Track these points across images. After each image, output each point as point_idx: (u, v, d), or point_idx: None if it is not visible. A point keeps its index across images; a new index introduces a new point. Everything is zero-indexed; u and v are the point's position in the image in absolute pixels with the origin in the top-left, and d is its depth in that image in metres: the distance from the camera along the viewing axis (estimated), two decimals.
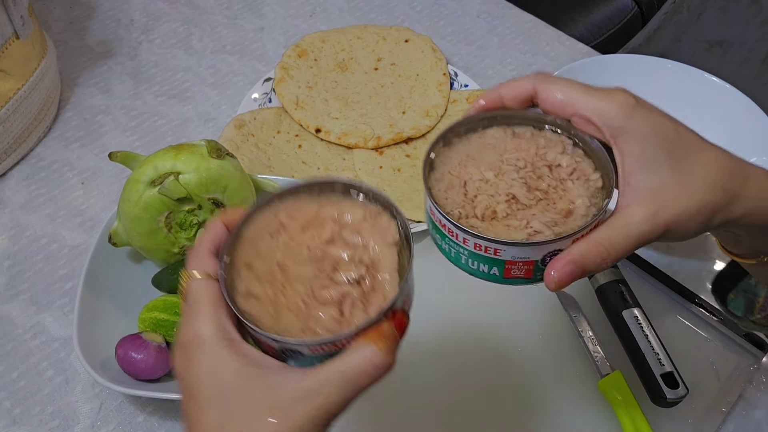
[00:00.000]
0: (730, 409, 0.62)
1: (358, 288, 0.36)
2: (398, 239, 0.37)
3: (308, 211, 0.39)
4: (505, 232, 0.37)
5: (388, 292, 0.36)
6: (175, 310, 0.59)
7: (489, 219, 0.38)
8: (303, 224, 0.38)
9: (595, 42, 1.27)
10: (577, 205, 0.37)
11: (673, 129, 0.38)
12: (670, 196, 0.36)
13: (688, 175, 0.37)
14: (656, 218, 0.36)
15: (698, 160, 0.37)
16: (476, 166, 0.40)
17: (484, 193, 0.39)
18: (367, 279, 0.36)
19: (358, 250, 0.37)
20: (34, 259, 0.71)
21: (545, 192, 0.39)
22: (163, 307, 0.60)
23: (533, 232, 0.36)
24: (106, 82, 0.90)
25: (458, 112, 0.84)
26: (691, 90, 0.79)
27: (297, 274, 0.37)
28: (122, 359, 0.57)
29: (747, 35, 1.23)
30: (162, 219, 0.60)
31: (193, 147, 0.61)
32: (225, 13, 1.00)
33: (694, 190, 0.36)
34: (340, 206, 0.39)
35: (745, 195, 0.38)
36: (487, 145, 0.41)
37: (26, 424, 0.60)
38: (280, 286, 0.36)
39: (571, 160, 0.40)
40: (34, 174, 0.79)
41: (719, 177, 0.37)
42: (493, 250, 0.36)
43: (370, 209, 0.39)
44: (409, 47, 0.91)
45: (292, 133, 0.82)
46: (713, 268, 0.73)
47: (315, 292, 0.36)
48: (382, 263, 0.37)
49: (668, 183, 0.36)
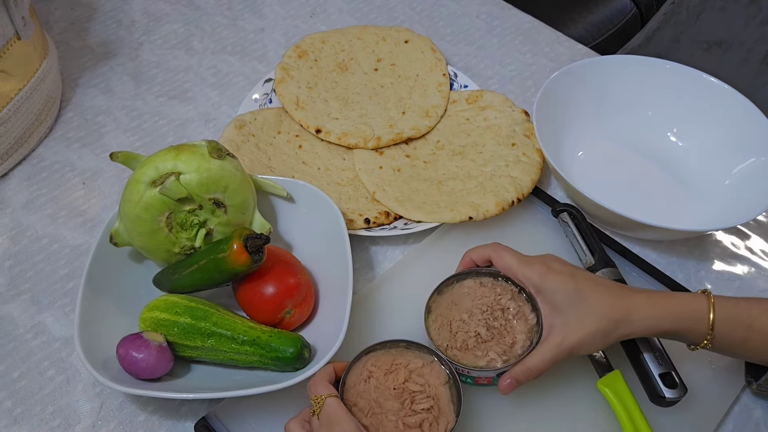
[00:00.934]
0: (729, 409, 0.62)
1: (430, 414, 0.54)
2: (448, 379, 0.56)
3: (386, 361, 0.57)
4: (473, 360, 0.57)
5: (450, 416, 0.54)
6: (176, 309, 0.59)
7: (464, 349, 0.58)
8: (385, 371, 0.56)
9: (595, 43, 1.27)
10: (518, 339, 0.58)
11: (573, 284, 0.56)
12: (571, 329, 0.55)
13: (584, 313, 0.55)
14: (561, 346, 0.55)
15: (590, 301, 0.55)
16: (458, 310, 0.60)
17: (461, 331, 0.59)
18: (435, 408, 0.54)
19: (425, 388, 0.55)
20: (36, 259, 0.72)
21: (498, 330, 0.58)
22: (164, 307, 0.60)
23: (490, 360, 0.57)
24: (107, 82, 0.90)
25: (458, 112, 0.85)
26: (690, 90, 0.80)
27: (389, 408, 0.54)
28: (123, 359, 0.58)
29: (746, 36, 1.23)
30: (163, 219, 0.60)
31: (194, 147, 0.62)
32: (225, 14, 1.01)
33: (587, 323, 0.54)
34: (406, 357, 0.57)
35: (628, 319, 0.54)
36: (464, 293, 0.61)
37: (27, 423, 0.61)
38: (379, 417, 0.53)
39: (515, 305, 0.59)
40: (36, 174, 0.79)
41: (605, 311, 0.54)
42: (466, 370, 0.57)
43: (426, 358, 0.57)
44: (408, 48, 0.91)
45: (292, 133, 0.82)
46: (712, 268, 0.73)
47: (404, 420, 0.53)
48: (442, 396, 0.55)
49: (570, 320, 0.55)
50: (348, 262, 0.63)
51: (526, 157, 0.77)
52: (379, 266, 0.72)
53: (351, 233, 0.68)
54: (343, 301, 0.60)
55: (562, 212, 0.72)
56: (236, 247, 0.58)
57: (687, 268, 0.73)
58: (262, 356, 0.58)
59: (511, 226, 0.75)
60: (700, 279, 0.72)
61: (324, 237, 0.67)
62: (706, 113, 0.79)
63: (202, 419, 0.59)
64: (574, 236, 0.70)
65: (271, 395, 0.59)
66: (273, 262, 0.63)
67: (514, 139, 0.79)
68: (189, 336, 0.59)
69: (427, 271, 0.71)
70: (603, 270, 0.66)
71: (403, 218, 0.74)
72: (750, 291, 0.71)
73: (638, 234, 0.73)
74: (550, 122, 0.76)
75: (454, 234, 0.74)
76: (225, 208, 0.62)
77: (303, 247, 0.70)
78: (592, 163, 0.80)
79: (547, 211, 0.75)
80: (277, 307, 0.61)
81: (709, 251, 0.74)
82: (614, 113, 0.82)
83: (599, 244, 0.69)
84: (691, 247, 0.74)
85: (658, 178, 0.79)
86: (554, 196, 0.77)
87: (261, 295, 0.61)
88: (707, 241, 0.75)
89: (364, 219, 0.72)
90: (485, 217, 0.72)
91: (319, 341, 0.60)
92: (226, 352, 0.59)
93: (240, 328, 0.59)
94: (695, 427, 0.60)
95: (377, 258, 0.73)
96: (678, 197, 0.77)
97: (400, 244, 0.74)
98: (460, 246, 0.72)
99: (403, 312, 0.67)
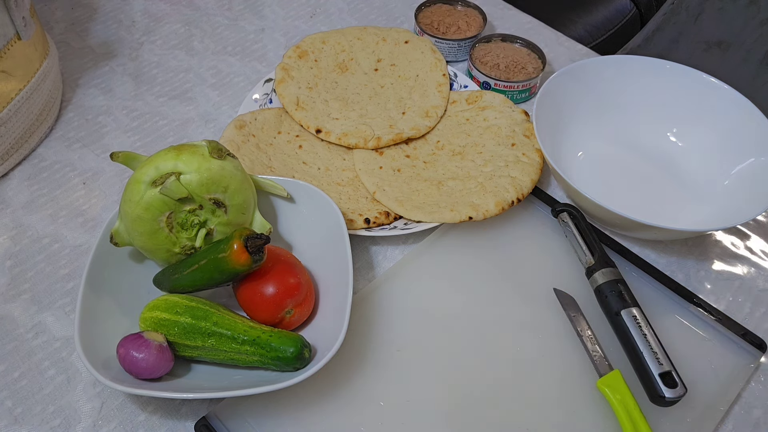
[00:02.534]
0: (729, 409, 0.62)
1: None
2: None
3: None
4: None
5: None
6: (176, 309, 0.59)
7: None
8: None
9: (594, 43, 1.27)
10: None
11: None
12: None
13: None
14: None
15: None
16: None
17: None
18: None
19: None
20: (36, 259, 0.72)
21: None
22: (165, 307, 0.60)
23: None
24: (108, 82, 0.90)
25: (458, 112, 0.85)
26: (689, 90, 0.80)
27: None
28: (123, 359, 0.58)
29: (745, 36, 1.23)
30: (163, 219, 0.60)
31: (195, 147, 0.62)
32: (226, 14, 1.01)
33: None
34: None
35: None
36: None
37: (27, 423, 0.61)
38: None
39: None
40: (36, 174, 0.80)
41: None
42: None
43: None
44: (408, 48, 0.91)
45: (292, 133, 0.83)
46: (711, 268, 0.73)
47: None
48: None
49: None
50: (348, 262, 0.63)
51: (525, 157, 0.77)
52: (379, 266, 0.72)
53: (351, 233, 0.69)
54: (343, 301, 0.60)
55: (562, 212, 0.72)
56: (236, 247, 0.58)
57: (687, 268, 0.73)
58: (262, 356, 0.58)
59: (511, 226, 0.75)
60: (699, 279, 0.72)
61: (324, 237, 0.67)
62: (706, 113, 0.79)
63: (203, 419, 0.59)
64: (573, 236, 0.70)
65: (271, 395, 0.59)
66: (273, 261, 0.63)
67: (514, 140, 0.79)
68: (189, 336, 0.59)
69: (427, 271, 0.71)
70: (603, 270, 0.66)
71: (403, 218, 0.74)
72: (750, 291, 0.71)
73: (638, 234, 0.73)
74: (550, 122, 0.76)
75: (454, 234, 0.74)
76: (225, 208, 0.62)
77: (303, 247, 0.70)
78: (591, 163, 0.80)
79: (547, 211, 0.75)
80: (278, 306, 0.61)
81: (709, 251, 0.74)
82: (614, 113, 0.82)
83: (599, 244, 0.69)
84: (691, 247, 0.74)
85: (657, 178, 0.79)
86: (554, 196, 0.77)
87: (261, 295, 0.61)
88: (707, 241, 0.75)
89: (364, 219, 0.73)
90: (485, 217, 0.72)
91: (319, 341, 0.60)
92: (226, 351, 0.59)
93: (240, 327, 0.59)
94: (695, 427, 0.60)
95: (377, 258, 0.73)
96: (678, 197, 0.77)
97: (400, 244, 0.74)
98: (460, 246, 0.73)
99: (403, 312, 0.67)
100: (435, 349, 0.65)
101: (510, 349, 0.65)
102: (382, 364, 0.63)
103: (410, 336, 0.66)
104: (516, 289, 0.70)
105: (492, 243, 0.73)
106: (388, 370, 0.63)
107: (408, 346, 0.65)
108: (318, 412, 0.60)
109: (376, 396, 0.61)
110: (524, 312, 0.68)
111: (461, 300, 0.69)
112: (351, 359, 0.63)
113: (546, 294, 0.68)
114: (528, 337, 0.66)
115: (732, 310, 0.69)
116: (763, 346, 0.64)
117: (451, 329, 0.66)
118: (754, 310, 0.69)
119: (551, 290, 0.68)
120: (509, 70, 0.88)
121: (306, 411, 0.60)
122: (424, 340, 0.65)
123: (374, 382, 0.62)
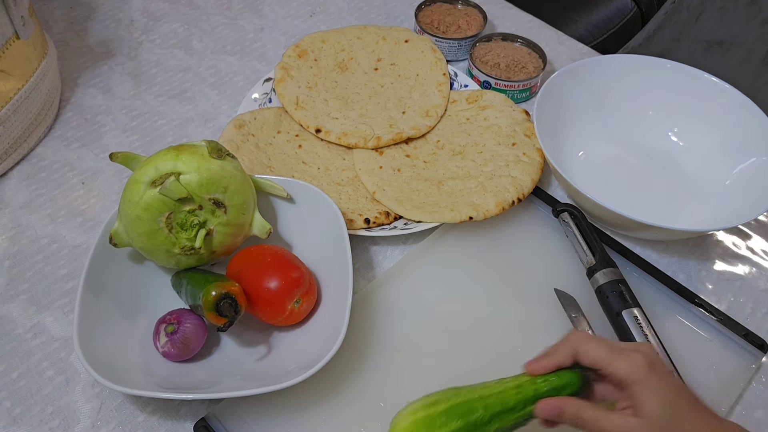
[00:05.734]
0: (730, 409, 0.62)
1: None
2: None
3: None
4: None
5: None
6: (437, 422, 0.50)
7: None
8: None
9: (595, 42, 1.27)
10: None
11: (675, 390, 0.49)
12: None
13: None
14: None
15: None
16: None
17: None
18: None
19: None
20: (35, 259, 0.72)
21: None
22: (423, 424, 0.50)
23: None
24: (107, 82, 0.90)
25: (458, 112, 0.84)
26: (690, 90, 0.79)
27: None
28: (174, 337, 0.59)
29: (746, 35, 1.23)
30: (163, 219, 0.60)
31: (194, 147, 0.61)
32: (225, 14, 1.00)
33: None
34: None
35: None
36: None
37: (26, 423, 0.60)
38: None
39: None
40: (35, 174, 0.79)
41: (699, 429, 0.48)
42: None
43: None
44: (408, 47, 0.91)
45: (292, 133, 0.82)
46: (713, 268, 0.73)
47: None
48: None
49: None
50: (348, 262, 0.63)
51: (526, 156, 0.77)
52: (379, 266, 0.72)
53: (351, 233, 0.68)
54: (343, 301, 0.60)
55: (563, 212, 0.72)
56: (210, 318, 0.58)
57: (688, 268, 0.72)
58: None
59: (512, 226, 0.75)
60: (701, 279, 0.72)
61: (324, 237, 0.67)
62: (707, 113, 0.79)
63: (202, 420, 0.59)
64: (574, 236, 0.70)
65: (271, 396, 0.59)
66: (271, 258, 0.63)
67: (515, 139, 0.79)
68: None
69: (428, 271, 0.71)
70: (604, 270, 0.65)
71: (403, 218, 0.74)
72: (751, 291, 0.71)
73: (639, 234, 0.72)
74: (551, 122, 0.76)
75: (454, 234, 0.74)
76: (225, 209, 0.62)
77: (303, 247, 0.70)
78: (592, 163, 0.80)
79: (548, 211, 0.75)
80: (287, 297, 0.61)
81: (710, 251, 0.74)
82: (615, 113, 0.82)
83: (600, 244, 0.69)
84: (692, 247, 0.74)
85: (658, 177, 0.79)
86: (555, 196, 0.77)
87: (268, 290, 0.61)
88: (708, 241, 0.75)
89: (364, 219, 0.72)
90: (485, 217, 0.72)
91: (319, 341, 0.60)
92: (515, 416, 0.51)
93: (511, 394, 0.51)
94: None
95: (377, 258, 0.73)
96: (678, 197, 0.77)
97: (400, 244, 0.74)
98: (460, 246, 0.72)
99: (403, 312, 0.67)
100: (435, 350, 0.65)
101: (510, 350, 0.64)
102: (382, 364, 0.63)
103: (410, 336, 0.65)
104: (516, 289, 0.69)
105: (492, 243, 0.73)
106: (388, 370, 0.63)
107: (408, 346, 0.65)
108: (318, 413, 0.60)
109: (376, 396, 0.61)
110: (525, 312, 0.68)
111: (461, 300, 0.68)
112: (351, 359, 0.63)
113: (547, 294, 0.68)
114: (529, 337, 0.65)
115: (733, 311, 0.69)
116: (764, 347, 0.64)
117: (451, 329, 0.66)
118: (756, 310, 0.69)
119: (552, 290, 0.68)
120: (510, 69, 0.87)
121: (306, 411, 0.60)
122: (424, 340, 0.65)
123: (374, 382, 0.62)
